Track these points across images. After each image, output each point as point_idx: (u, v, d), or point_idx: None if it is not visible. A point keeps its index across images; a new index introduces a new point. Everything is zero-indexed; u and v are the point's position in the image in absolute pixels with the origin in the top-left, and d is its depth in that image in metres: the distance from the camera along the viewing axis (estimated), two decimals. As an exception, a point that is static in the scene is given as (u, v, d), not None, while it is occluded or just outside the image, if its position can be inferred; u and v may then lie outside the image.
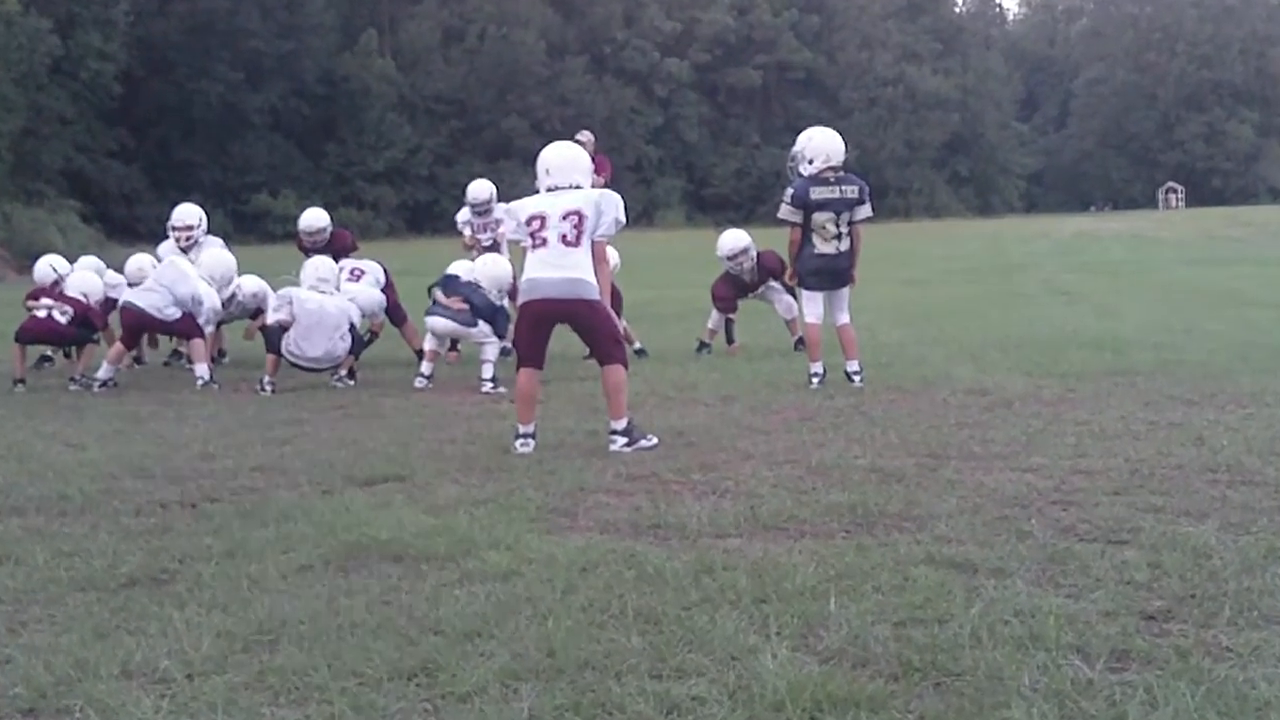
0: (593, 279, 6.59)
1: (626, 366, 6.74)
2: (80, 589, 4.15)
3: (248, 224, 53.91)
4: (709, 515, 4.88)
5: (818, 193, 8.43)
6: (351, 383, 9.62)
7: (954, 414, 7.24)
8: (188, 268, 10.23)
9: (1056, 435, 6.43)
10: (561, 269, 6.53)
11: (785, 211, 8.57)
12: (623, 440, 6.51)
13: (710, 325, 11.18)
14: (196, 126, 59.51)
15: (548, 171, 6.79)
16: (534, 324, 6.71)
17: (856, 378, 8.54)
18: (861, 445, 6.34)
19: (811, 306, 8.72)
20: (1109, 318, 13.18)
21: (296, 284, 9.96)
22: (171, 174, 56.27)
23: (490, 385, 9.04)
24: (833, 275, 8.60)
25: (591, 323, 6.69)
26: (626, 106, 72.38)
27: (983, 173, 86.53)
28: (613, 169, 14.80)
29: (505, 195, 12.04)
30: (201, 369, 9.77)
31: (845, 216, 8.47)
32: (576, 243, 6.55)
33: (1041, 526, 4.57)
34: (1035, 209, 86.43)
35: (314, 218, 11.79)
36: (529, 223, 6.62)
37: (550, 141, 7.24)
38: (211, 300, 10.12)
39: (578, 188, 6.71)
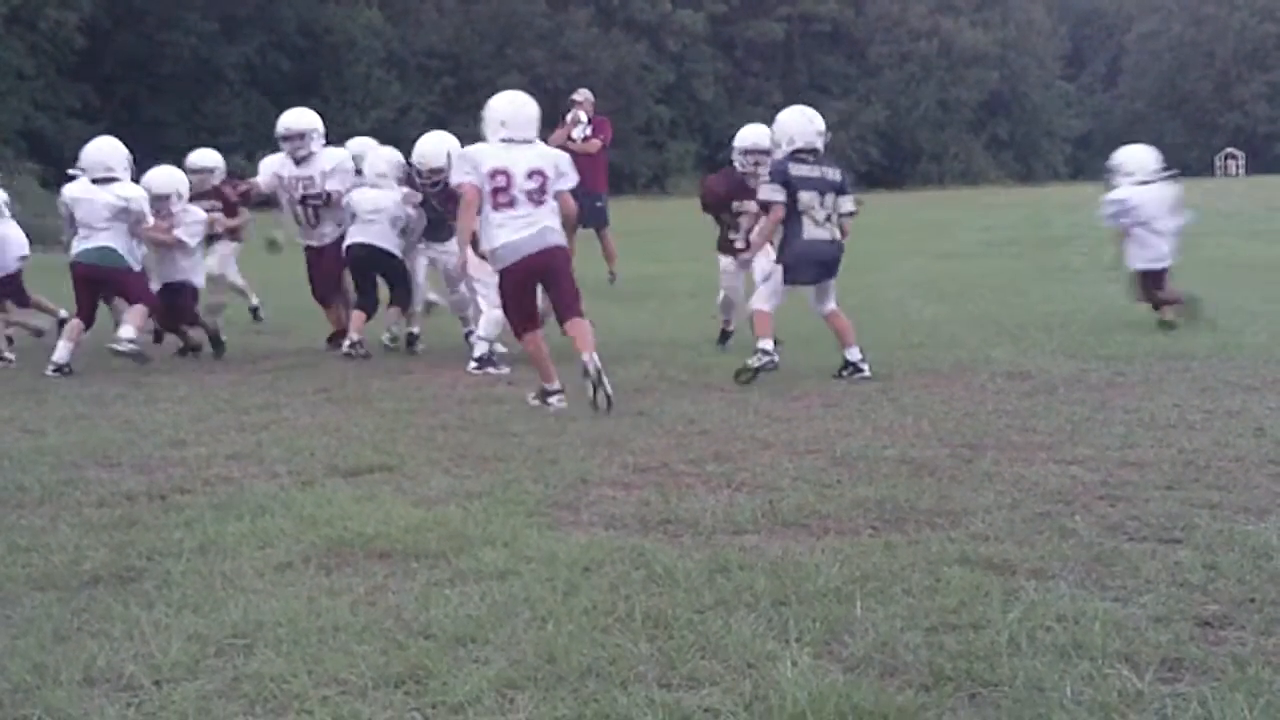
0: (560, 228, 7.47)
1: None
2: (39, 587, 4.16)
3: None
4: (724, 510, 4.89)
5: (798, 170, 8.27)
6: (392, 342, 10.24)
7: (992, 400, 7.23)
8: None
9: (1104, 424, 6.43)
10: (533, 225, 7.33)
11: (766, 191, 8.36)
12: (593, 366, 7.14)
13: (720, 303, 10.82)
14: (166, 82, 59.38)
15: (503, 123, 7.55)
16: (520, 287, 7.45)
17: (865, 366, 8.29)
18: (890, 434, 6.34)
19: (776, 297, 8.40)
20: (1162, 295, 13.11)
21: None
22: (139, 134, 55.66)
23: (476, 365, 8.97)
24: (824, 266, 8.36)
25: (564, 271, 7.51)
26: (635, 62, 72.06)
27: (1024, 136, 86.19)
28: (613, 131, 14.82)
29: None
30: (128, 330, 9.56)
31: (829, 200, 8.29)
32: (542, 201, 7.37)
33: (1087, 524, 4.56)
34: (1081, 176, 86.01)
35: (199, 156, 11.39)
36: (493, 176, 7.33)
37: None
38: (138, 192, 9.77)
39: (530, 141, 7.53)
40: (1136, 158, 11.00)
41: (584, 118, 14.41)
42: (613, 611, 3.71)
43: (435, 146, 10.21)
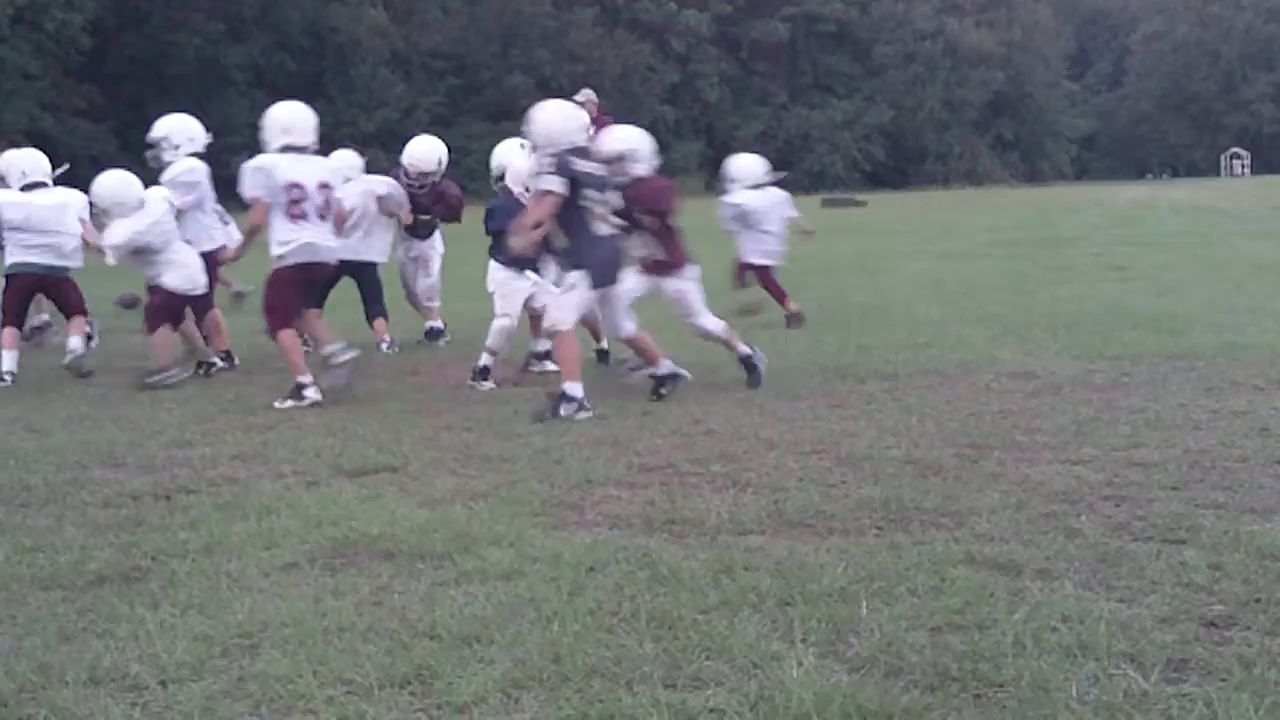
0: (334, 243, 8.32)
1: None
2: (44, 587, 4.17)
3: (227, 189, 53.96)
4: (729, 510, 4.88)
5: (582, 165, 7.41)
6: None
7: (996, 400, 7.22)
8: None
9: (1109, 424, 6.42)
10: (323, 236, 8.01)
11: (550, 181, 7.32)
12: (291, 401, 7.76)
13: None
14: (172, 83, 59.40)
15: (285, 130, 7.89)
16: (300, 286, 8.01)
17: (682, 373, 7.83)
18: (895, 434, 6.33)
19: (579, 310, 7.66)
20: (1167, 296, 13.12)
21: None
22: (144, 135, 56.20)
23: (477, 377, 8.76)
24: (619, 264, 7.70)
25: (327, 284, 9.02)
26: (641, 63, 72.16)
27: (1029, 136, 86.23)
28: None
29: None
30: (75, 341, 9.34)
31: (606, 195, 7.52)
32: (326, 215, 8.03)
33: (1092, 524, 4.55)
34: (1087, 176, 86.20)
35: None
36: (288, 189, 7.77)
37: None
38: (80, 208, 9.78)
39: (307, 149, 7.96)
40: (746, 166, 11.76)
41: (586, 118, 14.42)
42: (618, 612, 3.71)
43: (425, 151, 10.56)
